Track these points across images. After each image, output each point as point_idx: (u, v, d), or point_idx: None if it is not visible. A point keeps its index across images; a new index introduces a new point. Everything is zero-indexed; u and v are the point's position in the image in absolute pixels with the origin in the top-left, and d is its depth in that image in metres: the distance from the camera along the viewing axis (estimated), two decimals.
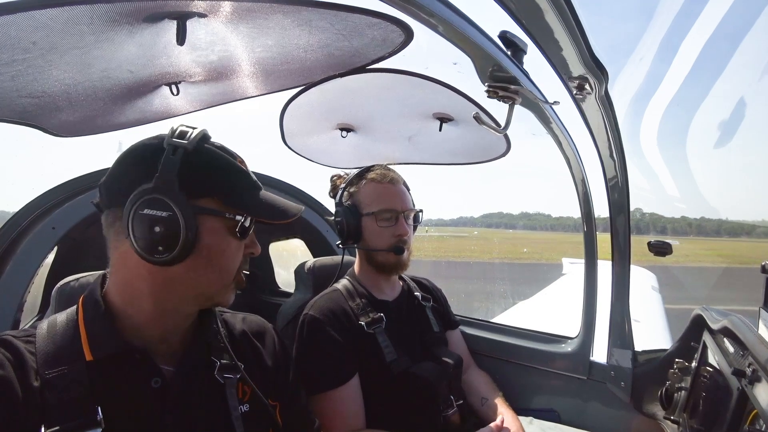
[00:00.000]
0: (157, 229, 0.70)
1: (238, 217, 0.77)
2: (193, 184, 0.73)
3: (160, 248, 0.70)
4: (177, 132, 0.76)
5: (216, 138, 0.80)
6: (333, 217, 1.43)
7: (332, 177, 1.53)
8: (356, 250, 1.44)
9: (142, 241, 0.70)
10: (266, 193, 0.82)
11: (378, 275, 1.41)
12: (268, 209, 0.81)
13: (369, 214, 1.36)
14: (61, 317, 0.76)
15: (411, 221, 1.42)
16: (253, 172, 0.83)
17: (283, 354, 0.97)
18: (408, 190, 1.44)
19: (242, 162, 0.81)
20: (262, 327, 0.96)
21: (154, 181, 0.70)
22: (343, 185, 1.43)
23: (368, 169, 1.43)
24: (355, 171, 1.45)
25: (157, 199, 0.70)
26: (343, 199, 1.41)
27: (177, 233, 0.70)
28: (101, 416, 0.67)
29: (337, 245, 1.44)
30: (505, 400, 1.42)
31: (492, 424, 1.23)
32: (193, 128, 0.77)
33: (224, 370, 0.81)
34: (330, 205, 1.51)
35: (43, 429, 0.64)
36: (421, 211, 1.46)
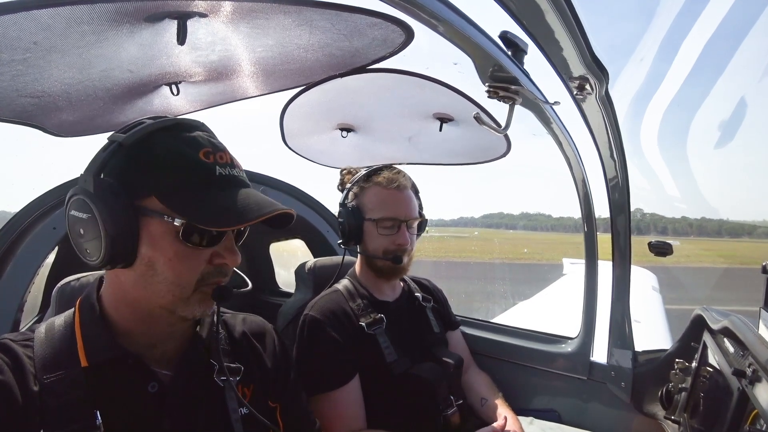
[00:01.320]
0: (81, 231, 0.67)
1: (178, 221, 0.67)
2: (131, 181, 0.67)
3: (87, 251, 0.67)
4: (128, 126, 0.70)
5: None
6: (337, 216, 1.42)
7: (341, 171, 1.50)
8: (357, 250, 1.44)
9: (74, 243, 0.69)
10: (236, 193, 0.70)
11: (378, 277, 1.41)
12: (215, 213, 0.67)
13: (371, 220, 1.34)
14: (59, 320, 0.75)
15: (414, 229, 1.39)
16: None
17: (284, 355, 0.96)
18: (417, 193, 1.42)
19: (210, 155, 0.70)
20: (262, 328, 0.96)
21: (79, 180, 0.68)
22: (349, 185, 1.41)
23: (376, 171, 1.38)
24: (364, 170, 1.41)
25: (79, 199, 0.67)
26: (348, 200, 1.39)
27: (98, 236, 0.65)
28: (100, 420, 0.67)
29: (339, 244, 1.44)
30: (504, 401, 1.41)
31: (495, 424, 1.23)
32: (152, 120, 0.71)
33: (223, 372, 0.80)
34: (333, 201, 1.49)
35: None
36: (425, 219, 1.44)
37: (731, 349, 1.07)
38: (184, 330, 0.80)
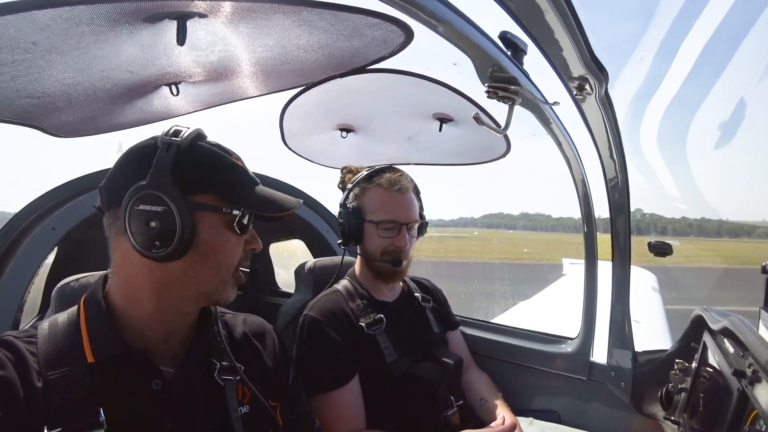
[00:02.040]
0: (153, 224, 0.70)
1: (236, 212, 0.77)
2: (188, 180, 0.74)
3: (157, 243, 0.71)
4: (171, 131, 0.77)
5: (216, 138, 0.81)
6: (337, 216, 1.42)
7: (342, 169, 1.49)
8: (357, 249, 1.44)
9: (139, 236, 0.71)
10: (263, 188, 0.83)
11: (377, 278, 1.41)
12: (266, 203, 0.81)
13: (372, 222, 1.33)
14: (62, 317, 0.76)
15: (414, 231, 1.39)
16: (254, 173, 0.83)
17: (283, 355, 0.97)
18: (419, 194, 1.41)
19: (238, 159, 0.82)
20: (262, 328, 0.96)
21: (149, 177, 0.71)
22: (350, 185, 1.39)
23: (378, 172, 1.37)
24: (365, 171, 1.39)
25: (152, 194, 0.71)
26: (348, 201, 1.38)
27: (173, 228, 0.70)
28: (103, 417, 0.67)
29: (338, 244, 1.44)
30: (504, 401, 1.41)
31: (493, 423, 1.23)
32: (187, 128, 0.78)
33: (224, 372, 0.81)
34: (332, 201, 1.49)
35: (45, 430, 0.64)
36: (426, 222, 1.44)
37: (731, 350, 1.07)
38: (189, 327, 0.82)
